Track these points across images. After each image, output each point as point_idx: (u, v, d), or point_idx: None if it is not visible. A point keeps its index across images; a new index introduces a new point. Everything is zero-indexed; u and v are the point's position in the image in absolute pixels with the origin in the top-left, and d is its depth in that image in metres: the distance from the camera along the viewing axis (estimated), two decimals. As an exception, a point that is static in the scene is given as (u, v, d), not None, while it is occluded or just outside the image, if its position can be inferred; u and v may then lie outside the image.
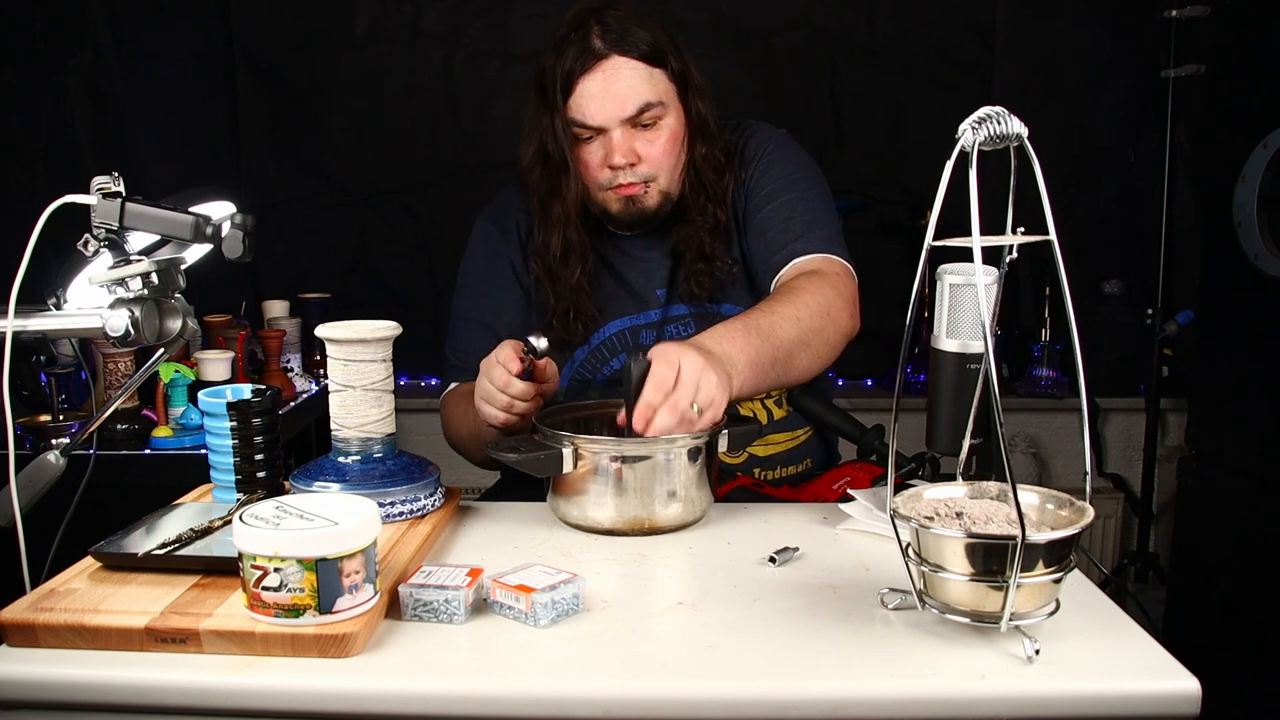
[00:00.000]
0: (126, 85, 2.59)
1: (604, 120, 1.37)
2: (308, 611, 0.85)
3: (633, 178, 1.40)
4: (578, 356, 1.50)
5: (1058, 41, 2.65)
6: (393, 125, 2.69)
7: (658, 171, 1.41)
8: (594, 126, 1.38)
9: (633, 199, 1.42)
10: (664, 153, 1.41)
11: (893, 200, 2.70)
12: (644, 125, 1.39)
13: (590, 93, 1.36)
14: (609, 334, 1.50)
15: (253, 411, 1.18)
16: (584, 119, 1.38)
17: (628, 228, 1.48)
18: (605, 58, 1.36)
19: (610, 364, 1.49)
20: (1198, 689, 0.80)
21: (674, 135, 1.42)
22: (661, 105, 1.39)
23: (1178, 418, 2.62)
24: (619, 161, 1.39)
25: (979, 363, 0.99)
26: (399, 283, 2.74)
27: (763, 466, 1.51)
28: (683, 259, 1.47)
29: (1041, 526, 0.89)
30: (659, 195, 1.43)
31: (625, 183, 1.40)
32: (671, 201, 1.45)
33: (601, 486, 1.14)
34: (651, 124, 1.39)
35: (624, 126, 1.38)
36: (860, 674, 0.83)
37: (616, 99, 1.36)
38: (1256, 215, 2.01)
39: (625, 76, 1.36)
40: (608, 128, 1.38)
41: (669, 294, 1.50)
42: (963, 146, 0.82)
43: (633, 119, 1.38)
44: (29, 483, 1.09)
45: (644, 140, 1.40)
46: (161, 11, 2.59)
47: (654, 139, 1.40)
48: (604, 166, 1.40)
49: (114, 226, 1.06)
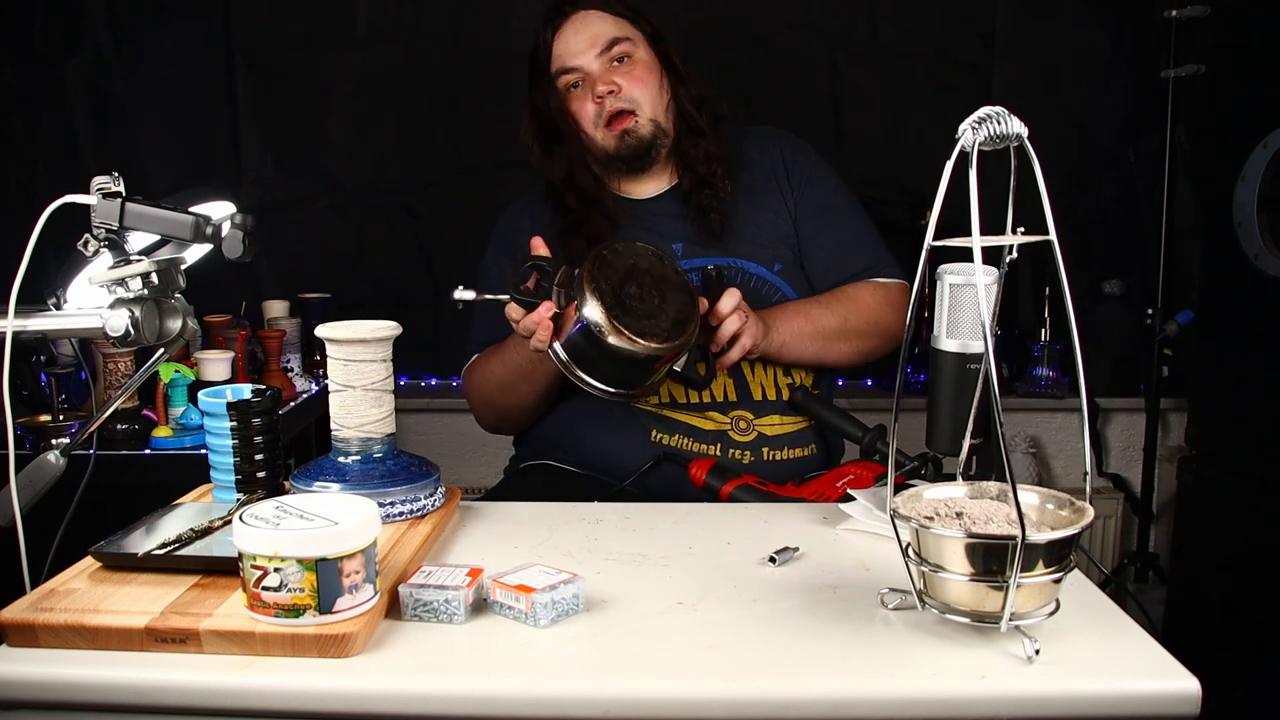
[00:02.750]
0: (126, 85, 2.59)
1: (581, 60, 1.53)
2: (308, 611, 0.85)
3: (617, 104, 1.53)
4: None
5: (1058, 41, 2.64)
6: (393, 125, 2.68)
7: (639, 97, 1.53)
8: (574, 67, 1.54)
9: (626, 131, 1.53)
10: (641, 80, 1.54)
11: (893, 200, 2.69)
12: (618, 60, 1.54)
13: (565, 40, 1.54)
14: None
15: (253, 411, 1.18)
16: (564, 64, 1.54)
17: (630, 166, 1.57)
18: (574, 13, 1.55)
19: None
20: (1198, 689, 0.80)
21: (648, 65, 1.55)
22: (629, 41, 1.54)
23: (1178, 418, 2.61)
24: (601, 90, 1.52)
25: (979, 363, 0.99)
26: (399, 283, 2.73)
27: (771, 446, 1.53)
28: (690, 199, 1.57)
29: (1041, 526, 0.89)
30: (649, 124, 1.54)
31: (613, 110, 1.52)
32: (665, 134, 1.56)
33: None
34: (625, 58, 1.54)
35: (601, 61, 1.53)
36: (860, 674, 0.83)
37: (588, 39, 1.53)
38: (1256, 215, 2.01)
39: (593, 20, 1.55)
40: (585, 67, 1.53)
41: (685, 248, 1.57)
42: (963, 146, 0.82)
43: (606, 52, 1.53)
44: (29, 483, 1.09)
45: (621, 73, 1.53)
46: (161, 11, 2.59)
47: (630, 69, 1.54)
48: (592, 102, 1.53)
49: (114, 226, 1.06)
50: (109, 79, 2.58)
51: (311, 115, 2.68)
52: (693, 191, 1.56)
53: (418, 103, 2.67)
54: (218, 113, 2.65)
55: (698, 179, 1.56)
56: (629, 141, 1.53)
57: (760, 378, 1.54)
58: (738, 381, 1.53)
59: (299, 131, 2.68)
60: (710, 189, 1.55)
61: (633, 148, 1.54)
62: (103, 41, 2.57)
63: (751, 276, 1.56)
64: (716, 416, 1.51)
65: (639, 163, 1.56)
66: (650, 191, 1.62)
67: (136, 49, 2.59)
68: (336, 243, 2.73)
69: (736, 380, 1.53)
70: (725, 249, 1.55)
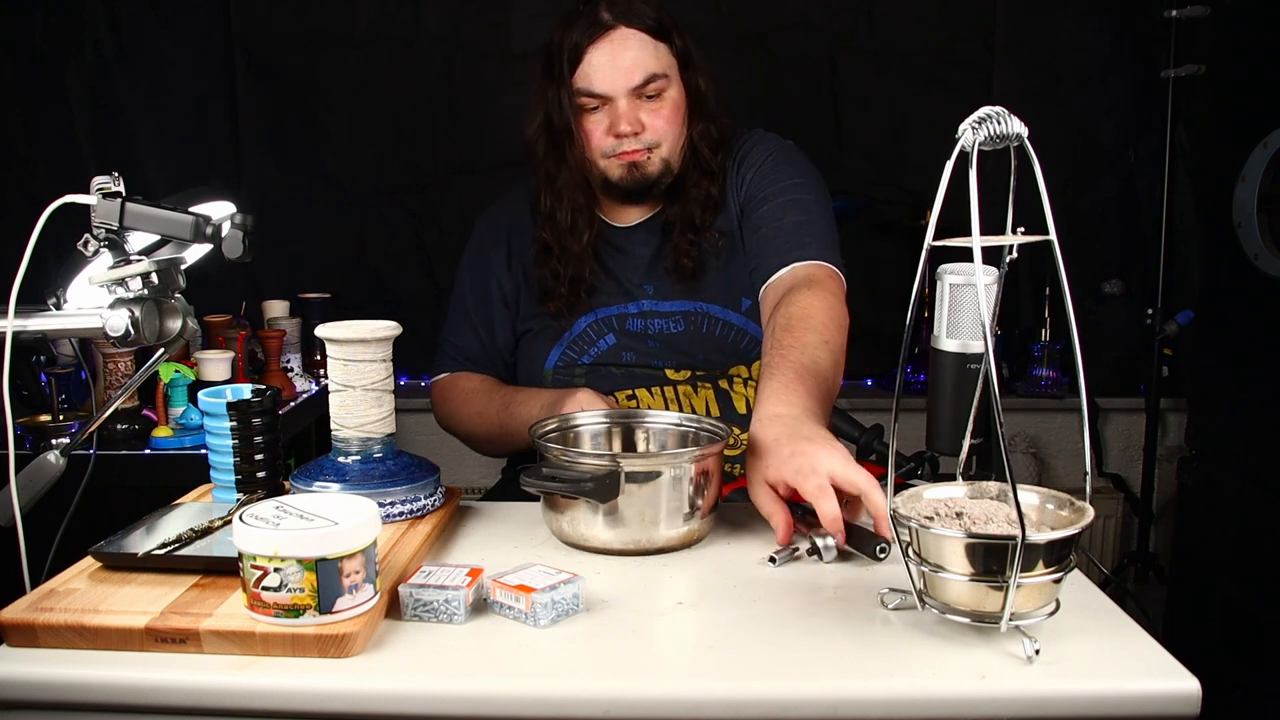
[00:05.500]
0: (126, 85, 2.59)
1: (611, 89, 1.43)
2: (308, 611, 0.85)
3: (636, 145, 1.45)
4: (564, 339, 1.54)
5: (1058, 41, 2.64)
6: (393, 125, 2.69)
7: (661, 139, 1.46)
8: (601, 95, 1.43)
9: (636, 165, 1.47)
10: (667, 122, 1.46)
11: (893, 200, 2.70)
12: (649, 96, 1.44)
13: (598, 62, 1.42)
14: (596, 318, 1.54)
15: (253, 411, 1.18)
16: (591, 88, 1.43)
17: (627, 196, 1.52)
18: (613, 29, 1.42)
19: (597, 344, 1.53)
20: (1198, 689, 0.79)
21: (676, 106, 1.47)
22: (665, 77, 1.44)
23: (1178, 418, 2.62)
24: (625, 130, 1.43)
25: (979, 363, 0.99)
26: (399, 283, 2.73)
27: None
28: (671, 232, 1.52)
29: (1041, 526, 0.89)
30: (660, 163, 1.48)
31: (629, 150, 1.45)
32: (671, 173, 1.50)
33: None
34: (656, 95, 1.45)
35: (629, 96, 1.43)
36: (860, 674, 0.83)
37: (624, 69, 1.42)
38: (1256, 215, 2.01)
39: (632, 47, 1.42)
40: (614, 96, 1.43)
41: (656, 288, 1.54)
42: (963, 146, 0.82)
43: (638, 89, 1.43)
44: (29, 483, 1.09)
45: (648, 110, 1.45)
46: (161, 11, 2.59)
47: (658, 109, 1.45)
48: (609, 135, 1.45)
49: (114, 226, 1.06)
50: (109, 79, 2.58)
51: (311, 115, 2.68)
52: (676, 229, 1.51)
53: (418, 103, 2.67)
54: (218, 113, 2.65)
55: (688, 220, 1.50)
56: (634, 175, 1.48)
57: (742, 391, 1.52)
58: (721, 400, 1.51)
59: (299, 131, 2.69)
60: (694, 233, 1.50)
61: (637, 181, 1.48)
62: (103, 41, 2.57)
63: (718, 322, 1.52)
64: None
65: (636, 196, 1.52)
66: (631, 219, 1.57)
67: (136, 49, 2.59)
68: (336, 243, 2.73)
69: (720, 399, 1.51)
70: (695, 293, 1.52)
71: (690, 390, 1.51)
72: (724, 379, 1.52)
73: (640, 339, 1.52)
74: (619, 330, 1.53)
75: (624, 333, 1.52)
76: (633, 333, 1.52)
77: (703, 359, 1.51)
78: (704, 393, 1.51)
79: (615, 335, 1.52)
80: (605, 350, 1.53)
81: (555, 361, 1.54)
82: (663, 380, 1.51)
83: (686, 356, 1.52)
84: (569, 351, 1.53)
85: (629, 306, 1.54)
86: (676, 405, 1.50)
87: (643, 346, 1.52)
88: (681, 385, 1.51)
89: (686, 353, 1.52)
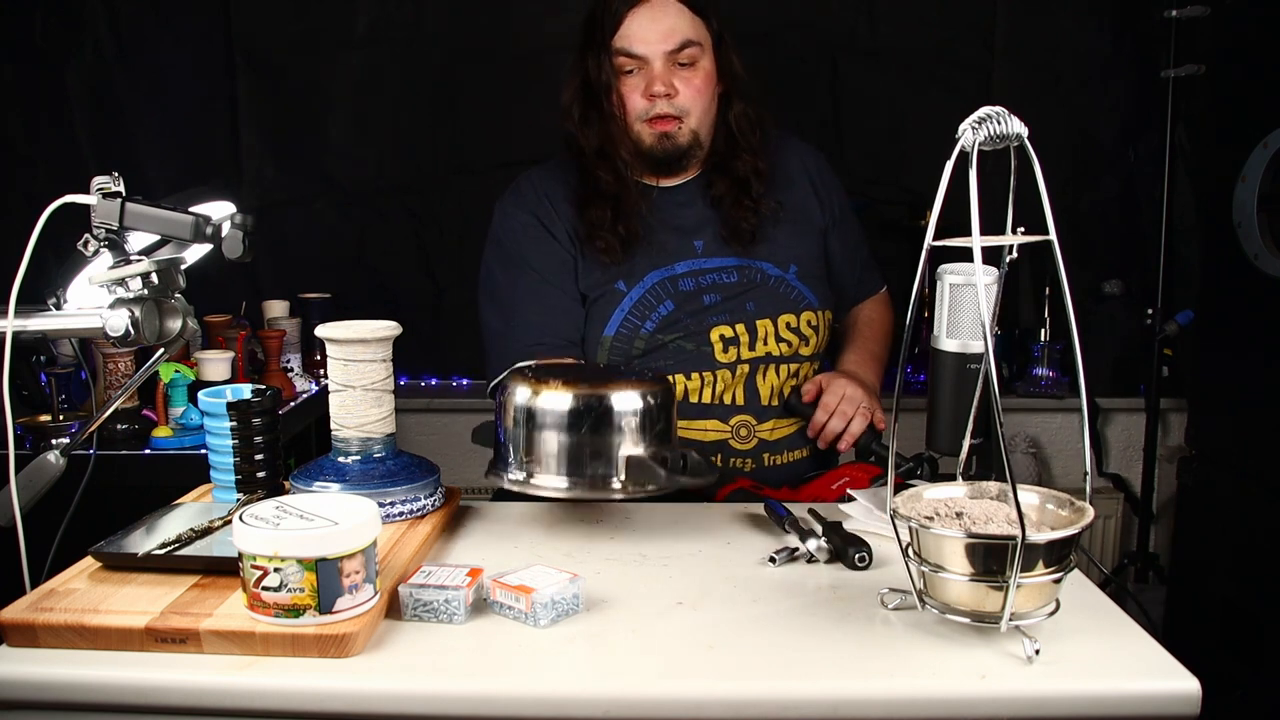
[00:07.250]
0: (126, 85, 2.59)
1: (648, 50, 1.49)
2: (308, 611, 0.85)
3: (669, 109, 1.51)
4: (625, 306, 1.54)
5: (1058, 41, 2.64)
6: (393, 125, 2.68)
7: (691, 107, 1.52)
8: (639, 55, 1.50)
9: (667, 134, 1.52)
10: (698, 91, 1.52)
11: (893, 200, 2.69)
12: (683, 64, 1.51)
13: (638, 24, 1.49)
14: (650, 284, 1.55)
15: (253, 411, 1.18)
16: (629, 48, 1.50)
17: (657, 166, 1.56)
18: None
19: (657, 310, 1.54)
20: (1198, 689, 0.80)
21: (708, 77, 1.53)
22: (700, 47, 1.51)
23: (1178, 418, 2.61)
24: (659, 90, 1.49)
25: (979, 363, 0.99)
26: (399, 283, 2.73)
27: (771, 451, 1.55)
28: (722, 204, 1.57)
29: (1041, 526, 0.89)
30: (690, 134, 1.53)
31: (661, 113, 1.51)
32: (700, 145, 1.56)
33: None
34: (690, 63, 1.51)
35: (665, 59, 1.49)
36: (860, 674, 0.83)
37: (662, 32, 1.49)
38: (1256, 215, 2.01)
39: (671, 13, 1.50)
40: (650, 59, 1.49)
41: (706, 245, 1.57)
42: (963, 146, 0.82)
43: (674, 53, 1.49)
44: (29, 483, 1.09)
45: (681, 77, 1.51)
46: (161, 11, 2.59)
47: (690, 77, 1.51)
48: (644, 97, 1.51)
49: (114, 226, 1.06)
50: (109, 79, 2.58)
51: (311, 115, 2.68)
52: (729, 199, 1.56)
53: (418, 103, 2.67)
54: (218, 113, 2.65)
55: (743, 189, 1.56)
56: (665, 145, 1.53)
57: (772, 381, 1.55)
58: (749, 387, 1.53)
59: (299, 131, 2.68)
60: (750, 200, 1.55)
61: (668, 151, 1.53)
62: (103, 41, 2.57)
63: (770, 277, 1.57)
64: (716, 425, 1.51)
65: (667, 166, 1.56)
66: (673, 181, 1.61)
67: (136, 49, 2.59)
68: (336, 243, 2.72)
69: (748, 385, 1.53)
70: (746, 251, 1.57)
71: (729, 376, 1.52)
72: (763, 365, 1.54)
73: (694, 297, 1.54)
74: (674, 294, 1.53)
75: (678, 295, 1.54)
76: (686, 292, 1.54)
77: (753, 309, 1.54)
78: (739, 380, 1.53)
79: (673, 300, 1.53)
80: (665, 316, 1.53)
81: (616, 328, 1.53)
82: (709, 364, 1.52)
83: (738, 306, 1.54)
84: (631, 317, 1.53)
85: (677, 267, 1.55)
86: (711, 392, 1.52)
87: (697, 305, 1.53)
88: (721, 371, 1.52)
89: (739, 302, 1.54)
